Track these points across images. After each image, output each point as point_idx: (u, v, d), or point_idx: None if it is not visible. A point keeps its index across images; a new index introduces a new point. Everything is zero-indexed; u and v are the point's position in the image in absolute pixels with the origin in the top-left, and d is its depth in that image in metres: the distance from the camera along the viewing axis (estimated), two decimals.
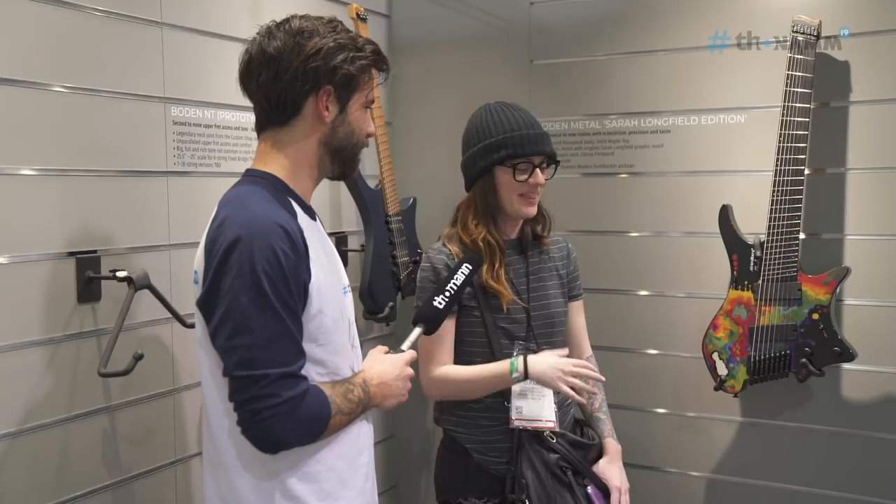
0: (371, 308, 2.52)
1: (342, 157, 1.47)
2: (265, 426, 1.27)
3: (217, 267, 1.29)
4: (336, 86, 1.40)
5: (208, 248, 1.33)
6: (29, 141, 1.70)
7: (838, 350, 2.14)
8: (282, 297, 1.29)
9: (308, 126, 1.42)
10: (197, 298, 1.35)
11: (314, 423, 1.33)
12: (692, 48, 2.39)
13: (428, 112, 2.82)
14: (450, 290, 1.69)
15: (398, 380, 1.51)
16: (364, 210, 2.48)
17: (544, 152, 1.92)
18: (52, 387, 1.75)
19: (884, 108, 2.18)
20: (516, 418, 1.92)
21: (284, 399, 1.27)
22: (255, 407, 1.27)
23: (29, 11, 1.69)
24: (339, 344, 1.43)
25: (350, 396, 1.40)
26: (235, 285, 1.27)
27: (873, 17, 2.17)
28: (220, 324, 1.29)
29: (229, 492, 1.39)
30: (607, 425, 2.04)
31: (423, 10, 2.81)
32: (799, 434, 2.33)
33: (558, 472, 1.91)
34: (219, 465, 1.40)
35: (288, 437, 1.31)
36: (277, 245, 1.29)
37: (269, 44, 1.40)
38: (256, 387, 1.27)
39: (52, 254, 1.74)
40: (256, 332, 1.27)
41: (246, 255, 1.27)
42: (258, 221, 1.30)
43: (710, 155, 2.40)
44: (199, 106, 2.08)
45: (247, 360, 1.27)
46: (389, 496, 2.95)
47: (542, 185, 1.92)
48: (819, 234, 2.26)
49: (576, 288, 2.09)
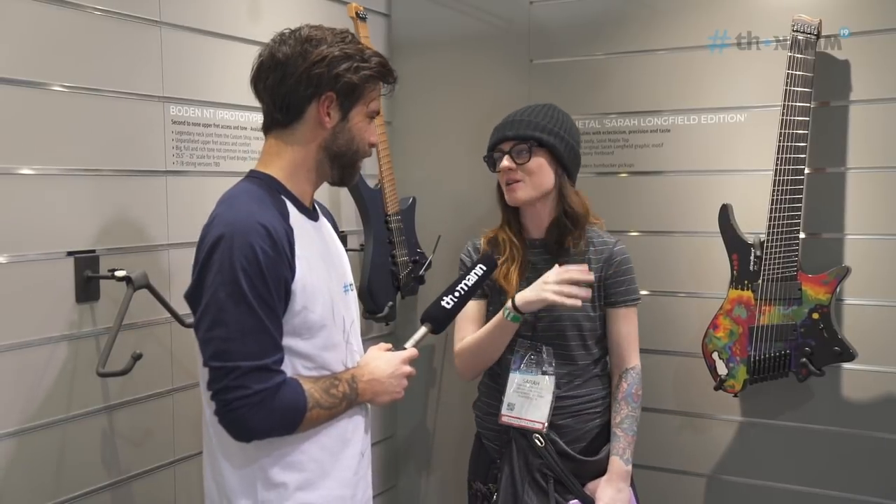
0: (370, 307, 2.52)
1: (341, 164, 1.52)
2: (236, 415, 1.35)
3: (202, 263, 1.37)
4: (338, 93, 1.46)
5: (198, 245, 1.41)
6: (27, 140, 1.69)
7: (838, 350, 2.14)
8: (258, 293, 1.35)
9: (310, 130, 1.48)
10: (185, 292, 1.42)
11: (287, 414, 1.38)
12: (692, 48, 2.39)
13: (427, 111, 2.82)
14: (460, 290, 1.68)
15: (392, 377, 1.55)
16: (363, 210, 2.48)
17: (506, 137, 1.93)
18: (50, 387, 1.75)
19: (884, 107, 2.18)
20: (504, 414, 1.94)
21: (255, 391, 1.34)
22: (227, 397, 1.34)
23: (27, 10, 1.68)
24: (328, 340, 1.47)
25: (333, 392, 1.45)
26: (216, 280, 1.34)
27: (874, 16, 2.17)
28: (201, 316, 1.37)
29: (219, 476, 1.46)
30: (620, 443, 1.93)
31: (422, 9, 2.80)
32: (799, 434, 2.33)
33: (538, 477, 1.90)
34: (210, 451, 1.48)
35: (259, 426, 1.36)
36: (257, 243, 1.34)
37: (279, 49, 1.46)
38: (228, 378, 1.34)
39: (50, 253, 1.74)
40: (231, 326, 1.34)
41: (227, 252, 1.34)
42: (241, 220, 1.36)
43: (710, 154, 2.39)
44: (198, 105, 2.08)
45: (221, 352, 1.34)
46: (389, 496, 2.95)
47: (512, 167, 1.92)
48: (819, 233, 2.26)
49: (617, 294, 1.97)
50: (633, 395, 1.95)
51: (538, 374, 1.95)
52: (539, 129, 1.92)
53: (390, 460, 2.96)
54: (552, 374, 1.94)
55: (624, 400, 1.95)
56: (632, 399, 1.95)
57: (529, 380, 1.95)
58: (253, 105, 1.56)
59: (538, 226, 2.00)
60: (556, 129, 1.94)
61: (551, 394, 1.92)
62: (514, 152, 1.92)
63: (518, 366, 1.97)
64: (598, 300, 1.98)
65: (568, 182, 1.98)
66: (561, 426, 1.95)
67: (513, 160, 1.92)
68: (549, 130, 1.93)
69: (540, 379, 1.94)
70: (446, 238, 2.69)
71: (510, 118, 1.98)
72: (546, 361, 1.95)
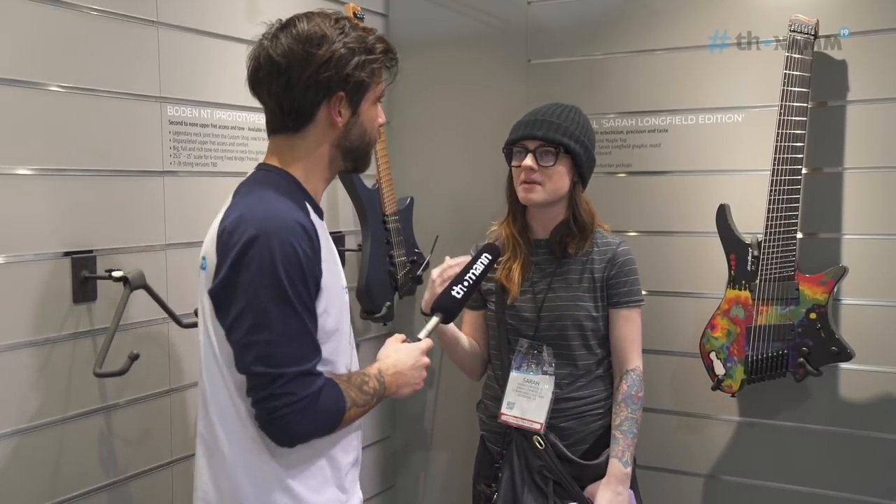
0: (368, 307, 2.52)
1: (355, 156, 1.49)
2: (283, 422, 1.31)
3: (235, 260, 1.30)
4: (348, 92, 1.41)
5: (223, 239, 1.33)
6: (25, 140, 1.69)
7: (836, 349, 2.14)
8: (300, 295, 1.31)
9: (321, 132, 1.43)
10: (210, 287, 1.34)
11: (330, 417, 1.36)
12: (691, 48, 2.39)
13: (425, 112, 2.82)
14: (468, 279, 1.69)
15: (413, 369, 1.53)
16: (361, 210, 2.48)
17: (533, 136, 1.90)
18: (47, 387, 1.75)
19: (882, 107, 2.18)
20: (503, 413, 1.94)
21: (301, 397, 1.30)
22: (274, 405, 1.29)
23: (25, 10, 1.68)
24: (339, 343, 1.45)
25: (365, 388, 1.42)
26: (256, 282, 1.29)
27: (872, 16, 2.17)
28: (238, 319, 1.31)
29: (225, 480, 1.40)
30: (619, 445, 1.91)
31: (420, 9, 2.80)
32: (796, 434, 2.33)
33: (538, 479, 1.90)
34: (216, 453, 1.41)
35: (304, 431, 1.34)
36: (297, 243, 1.30)
37: (275, 49, 1.38)
38: (274, 385, 1.29)
39: (47, 254, 1.74)
40: (275, 329, 1.29)
41: (266, 252, 1.28)
42: (279, 219, 1.32)
43: (707, 154, 2.39)
44: (196, 105, 2.07)
45: (265, 357, 1.29)
46: (388, 496, 2.95)
47: (534, 168, 1.90)
48: (816, 233, 2.26)
49: (620, 295, 1.96)
50: (634, 397, 1.95)
51: (538, 374, 1.95)
52: (568, 135, 1.90)
53: (389, 460, 2.96)
54: (552, 375, 1.94)
55: (624, 402, 1.95)
56: (631, 401, 1.95)
57: (529, 379, 1.95)
58: (250, 105, 1.55)
59: (544, 227, 2.00)
60: (582, 137, 1.93)
61: (550, 394, 1.92)
62: (540, 153, 1.90)
63: (518, 365, 1.97)
64: (601, 300, 1.97)
65: (580, 188, 1.98)
66: (563, 429, 1.95)
67: (536, 161, 1.90)
68: (577, 138, 1.92)
69: (540, 378, 1.94)
70: (444, 238, 2.69)
71: (538, 116, 1.94)
72: (546, 361, 1.95)
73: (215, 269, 1.34)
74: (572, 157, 1.92)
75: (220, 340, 1.36)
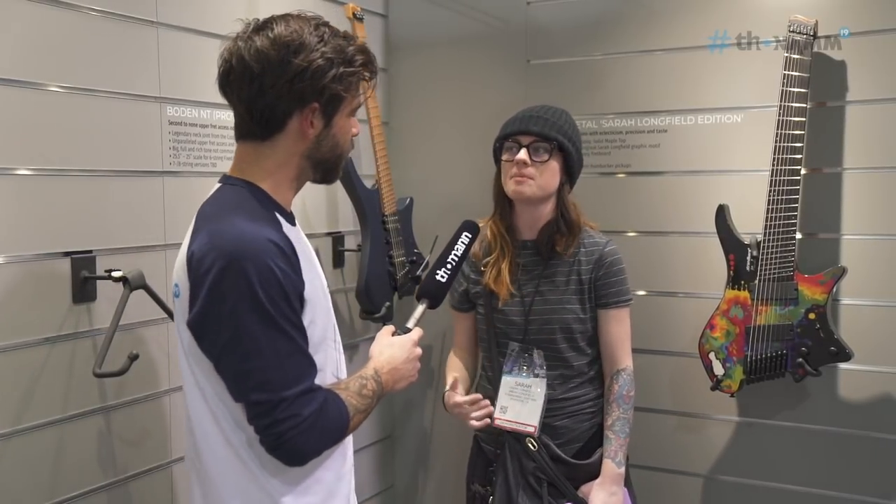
0: (368, 308, 2.51)
1: (325, 167, 1.44)
2: (291, 445, 1.29)
3: (211, 289, 1.25)
4: (323, 103, 1.35)
5: (193, 266, 1.28)
6: (24, 141, 1.69)
7: (835, 350, 2.14)
8: (285, 314, 1.28)
9: (291, 142, 1.37)
10: (188, 319, 1.30)
11: (335, 429, 1.34)
12: (690, 48, 2.39)
13: (425, 112, 2.82)
14: (451, 261, 1.65)
15: (407, 362, 1.51)
16: (360, 210, 2.48)
17: (528, 131, 1.92)
18: (46, 387, 1.75)
19: (881, 107, 2.18)
20: (498, 417, 1.94)
21: (305, 417, 1.28)
22: (279, 430, 1.27)
23: (24, 11, 1.68)
24: (327, 352, 1.42)
25: (364, 392, 1.40)
26: (238, 310, 1.24)
27: (871, 16, 2.17)
28: (227, 349, 1.27)
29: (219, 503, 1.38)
30: (612, 445, 1.93)
31: (419, 9, 2.80)
32: (796, 434, 2.33)
33: (532, 481, 1.91)
34: (207, 482, 1.38)
35: (313, 448, 1.33)
36: (273, 263, 1.26)
37: (249, 52, 1.32)
38: (277, 410, 1.27)
39: (47, 254, 1.74)
40: (266, 354, 1.26)
41: (242, 278, 1.24)
42: (251, 240, 1.26)
43: (706, 155, 2.40)
44: (195, 106, 2.08)
45: (262, 384, 1.26)
46: (387, 496, 2.95)
47: (527, 162, 1.90)
48: (815, 233, 2.26)
49: (608, 296, 1.98)
50: (625, 397, 1.95)
51: (530, 377, 1.95)
52: (562, 133, 1.93)
53: (388, 461, 2.96)
54: (543, 377, 1.94)
55: (615, 402, 1.95)
56: (623, 401, 1.95)
57: (521, 383, 1.95)
58: None
59: (531, 227, 2.00)
60: (574, 137, 1.97)
61: (543, 397, 1.93)
62: (533, 148, 1.92)
63: (510, 369, 1.97)
64: (589, 301, 1.98)
65: (567, 188, 2.00)
66: (557, 427, 1.96)
67: (529, 155, 1.91)
68: (570, 137, 1.95)
69: (532, 382, 1.95)
70: (443, 238, 2.67)
71: (532, 113, 1.96)
72: (537, 364, 1.95)
73: (189, 297, 1.29)
74: (564, 156, 1.94)
75: (203, 370, 1.33)
